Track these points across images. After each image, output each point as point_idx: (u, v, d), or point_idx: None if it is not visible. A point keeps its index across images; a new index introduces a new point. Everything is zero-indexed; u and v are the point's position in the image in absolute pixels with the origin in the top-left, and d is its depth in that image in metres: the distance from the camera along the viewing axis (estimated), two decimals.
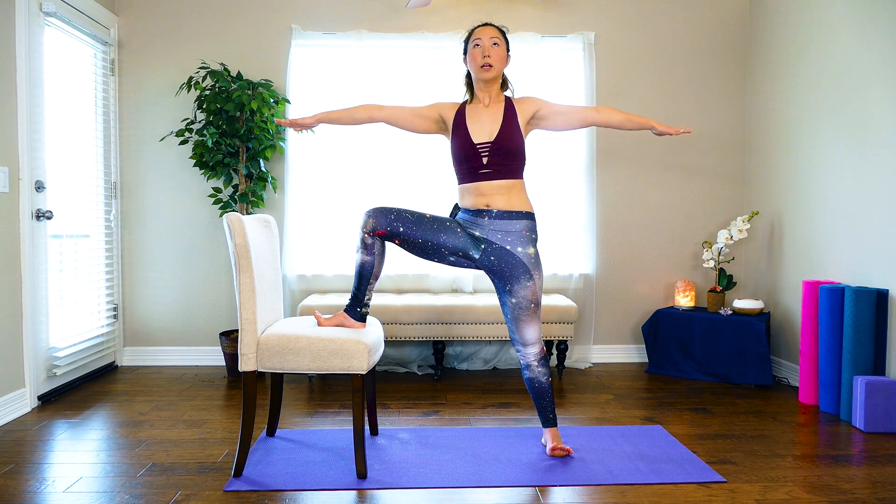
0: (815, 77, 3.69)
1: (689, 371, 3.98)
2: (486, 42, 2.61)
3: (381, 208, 2.62)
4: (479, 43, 2.62)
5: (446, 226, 2.64)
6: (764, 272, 4.21)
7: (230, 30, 4.25)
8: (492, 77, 2.63)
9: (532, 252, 2.61)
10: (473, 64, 2.63)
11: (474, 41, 2.64)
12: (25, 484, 2.42)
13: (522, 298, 2.60)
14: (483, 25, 2.68)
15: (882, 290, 3.17)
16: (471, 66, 2.66)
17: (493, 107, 2.65)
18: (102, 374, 4.02)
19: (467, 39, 2.69)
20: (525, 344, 2.65)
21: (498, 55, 2.62)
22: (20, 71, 3.23)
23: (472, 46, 2.64)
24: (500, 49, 2.63)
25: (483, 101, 2.66)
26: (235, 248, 2.47)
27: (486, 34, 2.63)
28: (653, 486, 2.42)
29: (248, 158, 3.95)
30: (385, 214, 2.59)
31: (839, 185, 3.50)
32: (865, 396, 3.00)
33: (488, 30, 2.65)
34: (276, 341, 2.48)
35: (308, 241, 4.26)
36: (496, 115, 2.63)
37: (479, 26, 2.68)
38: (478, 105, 2.67)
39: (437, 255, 2.66)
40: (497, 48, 2.62)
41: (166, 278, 4.26)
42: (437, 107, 2.73)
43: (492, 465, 2.59)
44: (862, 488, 2.40)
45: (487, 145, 2.58)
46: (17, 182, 3.23)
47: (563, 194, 4.27)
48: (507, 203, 2.60)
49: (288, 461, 2.61)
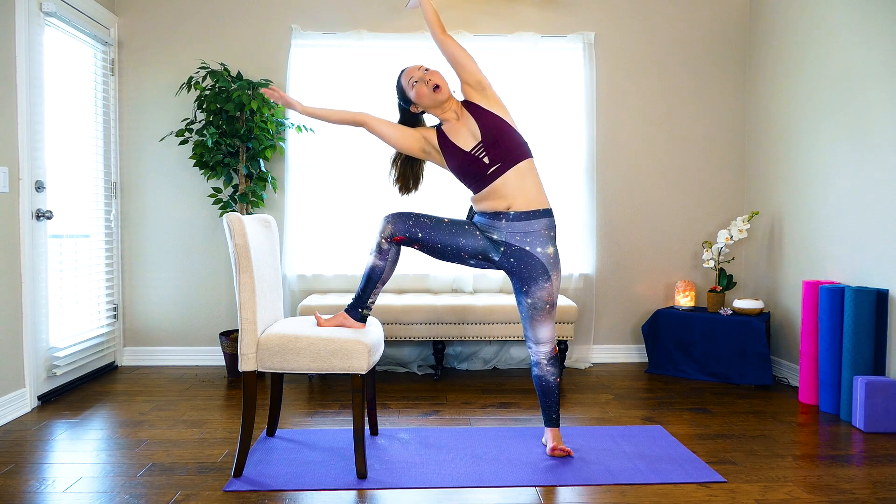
0: (815, 77, 3.70)
1: (689, 371, 3.98)
2: (419, 73, 2.64)
3: (399, 214, 2.62)
4: (414, 78, 2.64)
5: (465, 229, 2.64)
6: (764, 272, 4.21)
7: (230, 30, 4.25)
8: (446, 96, 2.63)
9: (551, 251, 2.61)
10: (425, 98, 2.62)
11: (410, 83, 2.65)
12: (25, 484, 2.42)
13: (538, 299, 2.60)
14: (402, 72, 2.71)
15: (882, 290, 3.17)
16: (424, 102, 2.64)
17: (462, 116, 2.66)
18: (102, 374, 4.02)
19: (401, 91, 2.70)
20: (537, 342, 2.66)
21: (436, 75, 2.63)
22: (20, 71, 3.23)
23: (411, 87, 2.64)
24: (432, 70, 2.65)
25: (451, 119, 2.67)
26: (235, 248, 2.47)
27: (414, 70, 2.67)
28: (653, 486, 2.42)
29: (248, 158, 3.95)
30: (403, 220, 2.60)
31: (839, 185, 3.50)
32: (865, 396, 3.00)
33: (410, 69, 2.68)
34: (276, 341, 2.48)
35: (308, 241, 4.26)
36: (469, 120, 2.63)
37: (400, 75, 2.71)
38: (450, 123, 2.67)
39: (457, 259, 2.66)
40: (430, 71, 2.64)
41: (166, 278, 4.26)
42: (420, 131, 2.72)
43: (492, 465, 2.59)
44: (862, 488, 2.40)
45: (480, 145, 2.59)
46: (17, 182, 3.23)
47: (563, 194, 4.26)
48: (525, 202, 2.59)
49: (288, 461, 2.62)
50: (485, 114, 2.62)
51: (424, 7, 2.67)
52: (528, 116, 4.20)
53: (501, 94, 4.18)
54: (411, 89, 2.64)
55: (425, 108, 2.67)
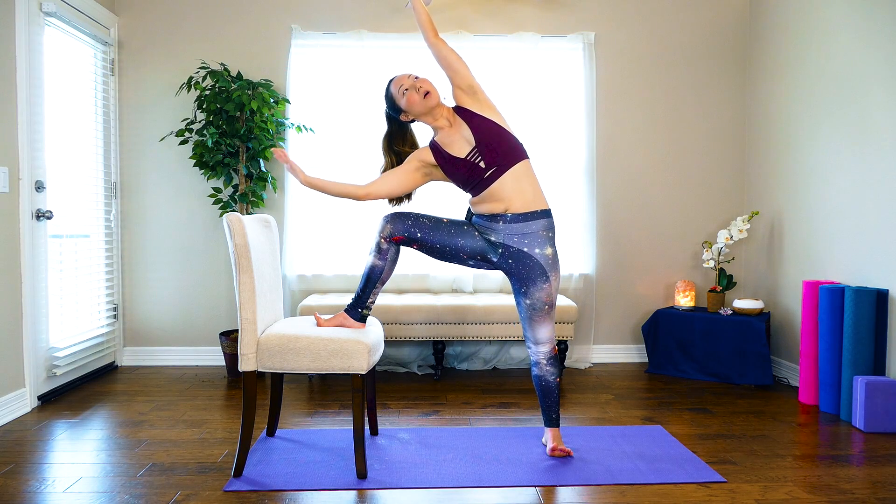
0: (815, 77, 3.70)
1: (689, 371, 3.98)
2: (409, 81, 2.61)
3: (398, 214, 2.62)
4: (404, 86, 2.61)
5: (463, 229, 2.65)
6: (764, 272, 4.21)
7: (230, 30, 4.25)
8: (435, 101, 2.61)
9: (550, 252, 2.61)
10: (416, 105, 2.60)
11: (400, 91, 2.62)
12: (25, 484, 2.42)
13: (537, 300, 2.60)
14: (391, 81, 2.68)
15: (882, 290, 3.17)
16: (415, 110, 2.62)
17: (455, 122, 2.64)
18: (102, 374, 4.02)
19: (391, 100, 2.67)
20: (537, 342, 2.66)
21: (426, 82, 2.62)
22: (20, 71, 3.23)
23: (402, 95, 2.62)
24: (422, 78, 2.63)
25: (444, 126, 2.65)
26: (235, 248, 2.47)
27: (403, 78, 2.64)
28: (653, 486, 2.42)
29: (248, 158, 3.95)
30: (402, 220, 2.60)
31: (839, 185, 3.50)
32: (865, 396, 3.00)
33: (400, 77, 2.66)
34: (276, 341, 2.48)
35: (308, 241, 4.26)
36: (462, 125, 2.62)
37: (389, 84, 2.68)
38: (443, 131, 2.65)
39: (456, 259, 2.67)
40: (420, 79, 2.62)
41: (166, 278, 4.26)
42: (414, 156, 2.69)
43: (492, 465, 2.60)
44: (862, 488, 2.40)
45: (475, 150, 2.58)
46: (17, 182, 3.23)
47: (563, 194, 4.26)
48: (523, 204, 2.58)
49: (288, 461, 2.62)
50: (477, 118, 2.61)
51: (417, 10, 2.65)
52: (528, 117, 4.20)
53: (501, 94, 4.24)
54: (402, 97, 2.62)
55: (416, 115, 2.64)
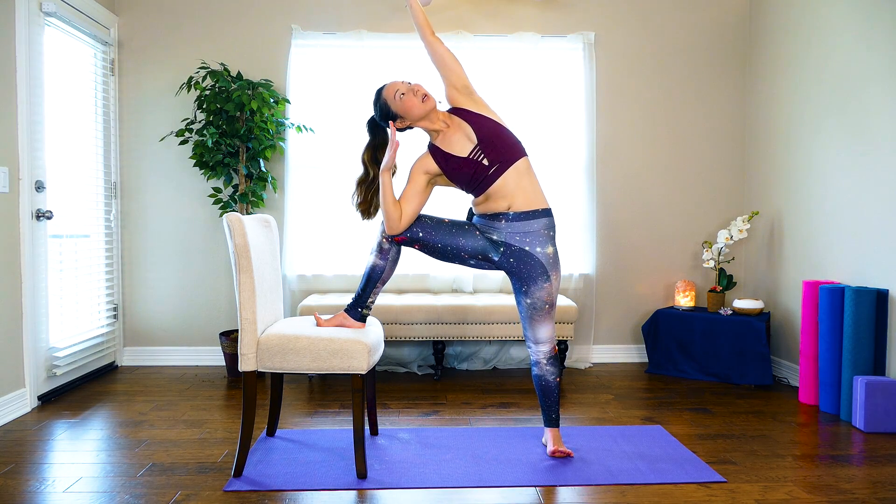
0: (815, 76, 3.69)
1: (689, 371, 3.98)
2: (406, 86, 2.60)
3: None
4: (401, 91, 2.58)
5: (465, 229, 2.65)
6: (764, 272, 4.21)
7: (230, 30, 4.25)
8: (434, 104, 2.60)
9: (551, 251, 2.61)
10: (415, 109, 2.57)
11: (396, 96, 2.58)
12: (25, 484, 2.42)
13: (538, 299, 2.60)
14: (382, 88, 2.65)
15: (882, 290, 3.17)
16: (414, 114, 2.58)
17: (453, 123, 2.64)
18: (102, 374, 4.02)
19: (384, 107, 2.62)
20: (537, 342, 2.66)
21: (421, 86, 2.60)
22: (20, 71, 3.23)
23: (398, 100, 2.58)
24: (416, 82, 2.62)
25: (442, 129, 2.64)
26: (235, 248, 2.47)
27: (398, 84, 2.61)
28: (653, 486, 2.42)
29: (248, 158, 3.95)
30: None
31: (839, 185, 3.50)
32: (865, 396, 3.00)
33: (394, 83, 2.63)
34: (276, 341, 2.48)
35: (308, 241, 4.26)
36: (462, 124, 2.62)
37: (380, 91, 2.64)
38: (441, 134, 2.64)
39: (457, 259, 2.66)
40: (413, 83, 2.61)
41: (166, 278, 4.26)
42: (418, 170, 2.65)
43: (492, 465, 2.59)
44: (862, 488, 2.40)
45: (477, 147, 2.58)
46: (17, 182, 3.23)
47: (563, 194, 4.26)
48: (525, 202, 2.58)
49: (288, 461, 2.62)
50: (476, 117, 2.61)
51: (413, 8, 2.65)
52: (528, 116, 4.20)
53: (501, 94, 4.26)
54: (398, 102, 2.58)
55: (414, 119, 2.60)
